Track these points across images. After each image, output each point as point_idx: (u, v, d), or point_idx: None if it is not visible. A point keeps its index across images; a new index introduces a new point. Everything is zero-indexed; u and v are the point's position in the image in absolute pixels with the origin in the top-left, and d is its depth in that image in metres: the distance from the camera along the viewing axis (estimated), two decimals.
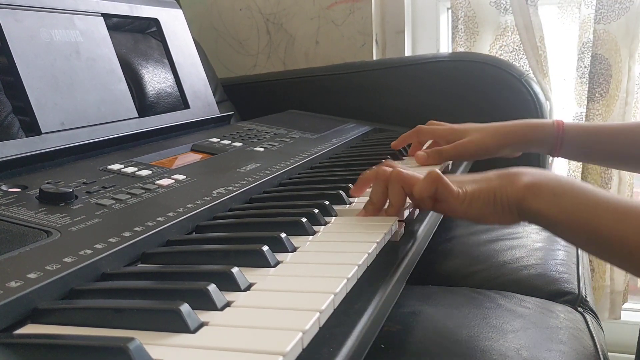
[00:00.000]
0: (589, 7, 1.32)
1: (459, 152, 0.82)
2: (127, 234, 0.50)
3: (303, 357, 0.34)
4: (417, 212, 0.65)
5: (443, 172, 0.59)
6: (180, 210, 0.58)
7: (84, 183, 0.63)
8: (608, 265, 1.40)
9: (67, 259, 0.44)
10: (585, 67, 1.35)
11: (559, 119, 0.82)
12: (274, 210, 0.61)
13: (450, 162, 0.88)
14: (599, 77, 1.33)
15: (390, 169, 0.61)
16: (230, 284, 0.42)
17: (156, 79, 1.12)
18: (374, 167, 0.64)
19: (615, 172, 1.36)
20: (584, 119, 1.36)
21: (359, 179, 0.66)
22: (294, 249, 0.51)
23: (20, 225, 0.50)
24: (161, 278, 0.45)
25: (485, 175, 0.59)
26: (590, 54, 1.33)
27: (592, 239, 0.51)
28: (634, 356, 0.66)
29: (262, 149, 0.89)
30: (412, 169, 0.61)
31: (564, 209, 0.52)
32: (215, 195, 0.64)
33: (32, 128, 0.73)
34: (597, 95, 1.34)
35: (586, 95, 1.35)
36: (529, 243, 0.85)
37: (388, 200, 0.60)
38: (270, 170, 0.77)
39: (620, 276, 1.42)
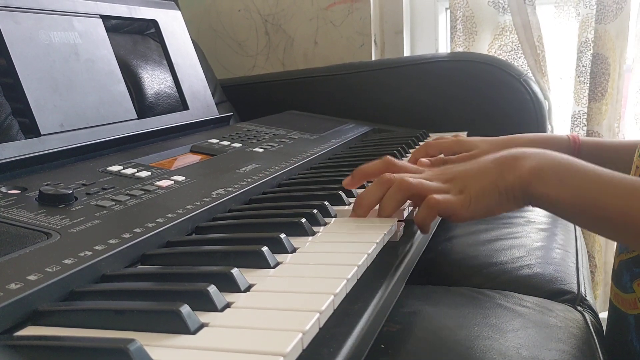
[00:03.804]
0: (587, 6, 1.32)
1: None
2: (126, 236, 0.50)
3: (303, 358, 0.34)
4: (416, 210, 0.65)
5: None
6: (180, 211, 0.58)
7: (83, 184, 0.63)
8: None
9: (67, 261, 0.44)
10: (584, 66, 1.35)
11: (573, 133, 0.81)
12: (273, 211, 0.61)
13: None
14: (600, 77, 1.33)
15: (397, 178, 0.59)
16: (230, 285, 0.42)
17: (155, 80, 1.12)
18: (374, 161, 0.64)
19: None
20: (585, 118, 1.36)
21: (356, 171, 0.65)
22: (294, 250, 0.51)
23: (20, 227, 0.50)
24: (161, 279, 0.45)
25: (482, 164, 0.58)
26: (590, 53, 1.33)
27: (600, 218, 0.52)
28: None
29: (261, 150, 0.89)
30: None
31: (570, 191, 0.53)
32: (214, 196, 0.64)
33: (31, 130, 0.73)
34: (598, 94, 1.34)
35: (586, 95, 1.35)
36: (529, 243, 0.85)
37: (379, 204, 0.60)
38: (269, 171, 0.77)
39: None
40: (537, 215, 0.97)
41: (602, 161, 0.56)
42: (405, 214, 0.61)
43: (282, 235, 0.51)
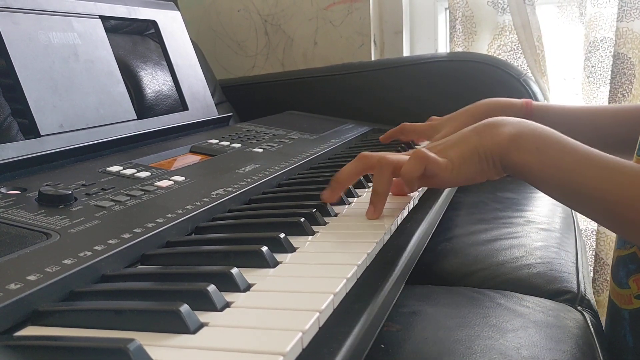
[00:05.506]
0: (595, 5, 1.31)
1: None
2: (126, 236, 0.50)
3: (303, 357, 0.34)
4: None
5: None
6: (180, 211, 0.58)
7: (83, 185, 0.63)
8: None
9: (66, 261, 0.44)
10: (592, 66, 1.33)
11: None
12: (273, 211, 0.61)
13: None
14: (621, 77, 1.28)
15: (375, 156, 0.60)
16: (229, 285, 0.42)
17: (155, 81, 1.12)
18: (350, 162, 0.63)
19: None
20: None
21: (332, 182, 0.63)
22: (293, 250, 0.51)
23: (20, 228, 0.50)
24: (161, 279, 0.45)
25: (462, 134, 0.59)
26: (610, 53, 1.29)
27: (574, 193, 0.52)
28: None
29: (261, 150, 0.89)
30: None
31: (547, 163, 0.53)
32: (214, 196, 0.64)
33: (31, 130, 0.73)
34: (619, 95, 1.29)
35: (597, 95, 1.33)
36: (529, 242, 0.85)
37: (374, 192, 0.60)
38: (269, 171, 0.77)
39: None
40: (537, 215, 0.97)
41: (556, 125, 0.57)
42: (405, 213, 0.61)
43: (282, 235, 0.51)
